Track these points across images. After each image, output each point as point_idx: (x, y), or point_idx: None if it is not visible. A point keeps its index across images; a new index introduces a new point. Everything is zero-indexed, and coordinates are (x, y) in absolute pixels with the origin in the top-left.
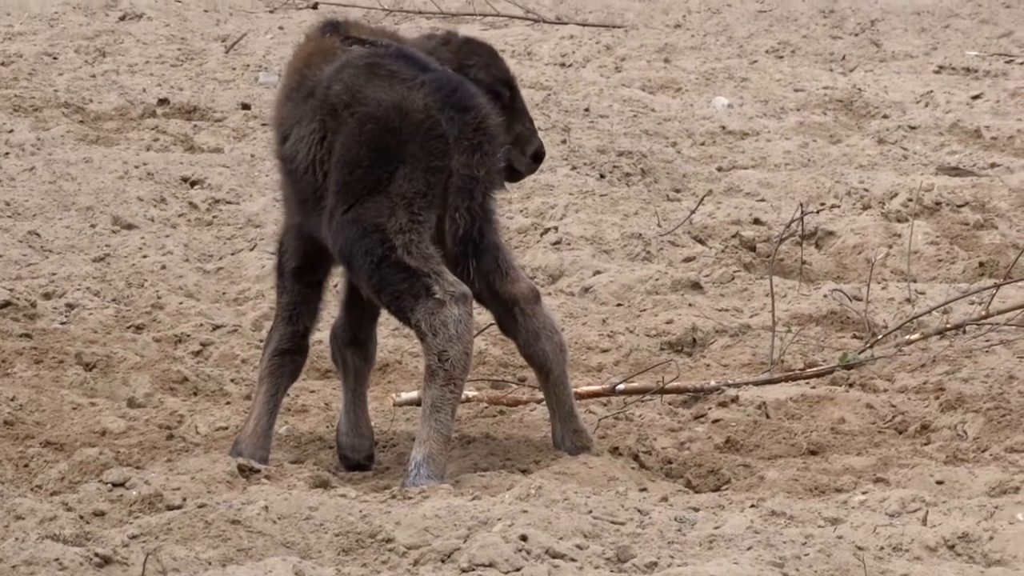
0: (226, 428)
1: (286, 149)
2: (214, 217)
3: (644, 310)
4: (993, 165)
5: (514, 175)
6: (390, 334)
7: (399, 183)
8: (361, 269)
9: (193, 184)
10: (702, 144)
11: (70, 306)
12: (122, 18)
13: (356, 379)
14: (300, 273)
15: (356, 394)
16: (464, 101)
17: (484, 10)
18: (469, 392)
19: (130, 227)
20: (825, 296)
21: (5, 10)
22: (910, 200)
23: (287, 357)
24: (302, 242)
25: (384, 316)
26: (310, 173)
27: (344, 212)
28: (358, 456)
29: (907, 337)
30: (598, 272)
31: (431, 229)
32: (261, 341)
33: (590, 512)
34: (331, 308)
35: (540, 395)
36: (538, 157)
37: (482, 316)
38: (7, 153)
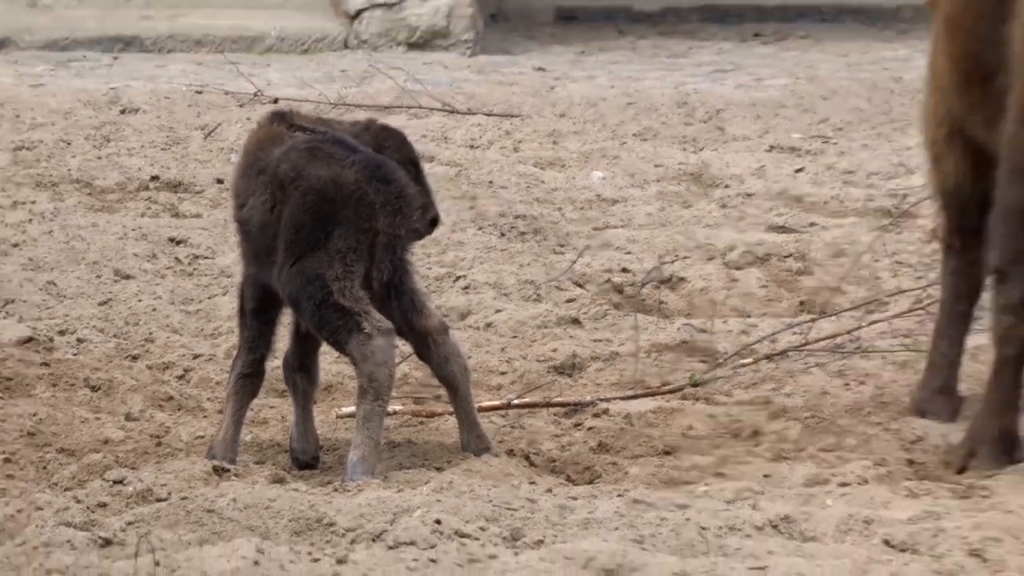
0: (203, 437)
1: (243, 214)
2: (194, 269)
3: (535, 341)
4: (812, 224)
5: (416, 235)
6: (333, 361)
7: (335, 241)
8: (305, 310)
9: (178, 243)
10: (582, 208)
11: (80, 340)
12: (122, 112)
13: (304, 397)
14: (257, 313)
15: (305, 409)
16: (387, 175)
17: (410, 103)
18: (394, 406)
19: (128, 277)
20: (678, 329)
21: (29, 106)
22: (745, 252)
23: (248, 380)
24: (257, 289)
25: (325, 347)
26: (263, 234)
27: (291, 265)
28: (307, 458)
29: (742, 361)
30: (499, 311)
31: (361, 277)
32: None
33: (491, 501)
34: (283, 341)
35: (451, 409)
36: (434, 222)
37: (404, 346)
38: (31, 220)
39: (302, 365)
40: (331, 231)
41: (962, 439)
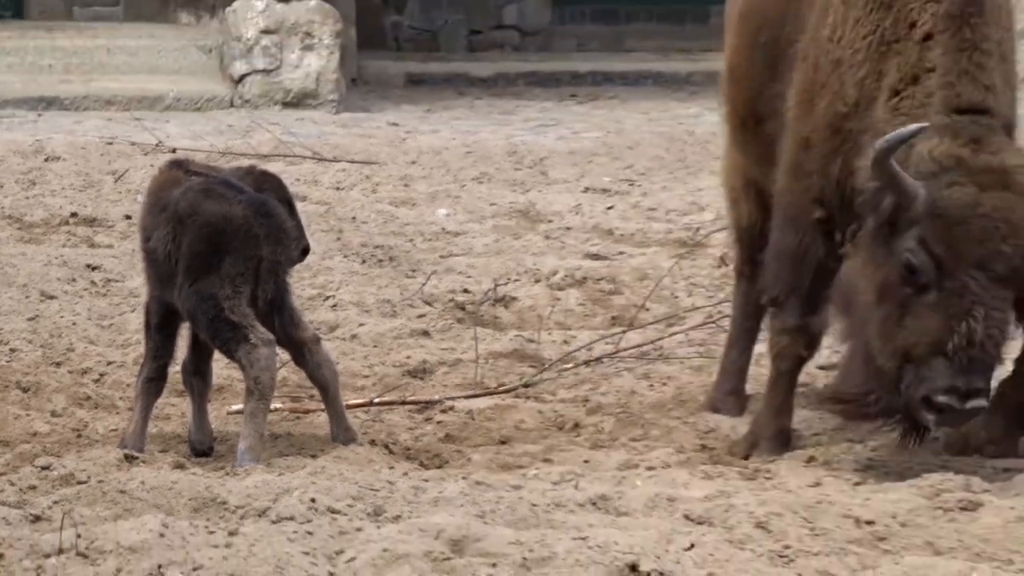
0: (116, 430)
1: (150, 245)
2: (108, 291)
3: (391, 349)
4: (620, 253)
5: (292, 262)
6: (224, 367)
7: (226, 267)
8: (201, 324)
9: (93, 269)
10: (430, 240)
11: (12, 350)
12: (46, 159)
13: (200, 396)
14: (160, 327)
15: (200, 407)
16: (268, 212)
17: (286, 152)
18: (276, 404)
19: (52, 297)
20: (511, 339)
21: None
22: (566, 276)
23: (153, 383)
24: (161, 307)
25: (217, 354)
26: (166, 261)
27: (189, 286)
28: (203, 447)
29: (564, 366)
30: (361, 324)
31: (247, 296)
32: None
33: (357, 483)
34: (181, 349)
35: (323, 407)
36: (306, 251)
37: (283, 354)
38: None
39: (198, 370)
40: (222, 258)
41: (747, 432)
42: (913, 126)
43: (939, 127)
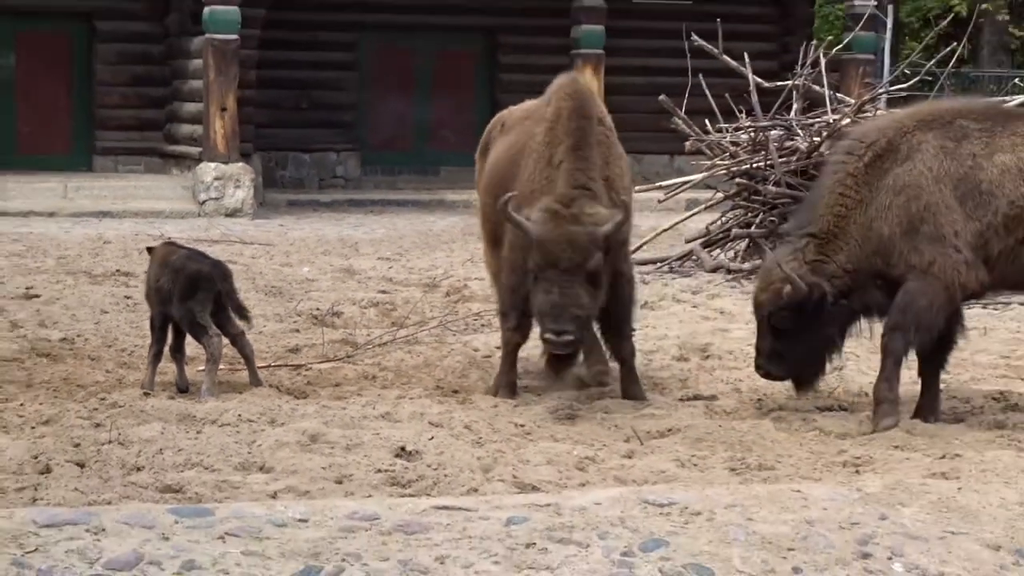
0: (138, 380)
1: (160, 284)
2: (135, 310)
3: (280, 338)
4: (396, 289)
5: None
6: (195, 348)
7: (199, 296)
8: (184, 324)
9: (128, 298)
10: (299, 283)
11: (86, 339)
12: (103, 243)
13: (180, 363)
14: (160, 327)
15: (180, 368)
16: (223, 270)
17: (226, 239)
18: (222, 366)
19: (106, 312)
20: (340, 333)
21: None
22: (368, 301)
23: (156, 356)
24: (161, 316)
25: (190, 340)
26: (168, 292)
27: (180, 305)
28: (183, 389)
29: (367, 347)
30: (265, 325)
31: (208, 311)
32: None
33: (262, 406)
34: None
35: (245, 368)
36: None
37: (227, 343)
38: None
39: (179, 348)
40: (195, 294)
41: (492, 384)
42: (508, 195)
43: (555, 197)
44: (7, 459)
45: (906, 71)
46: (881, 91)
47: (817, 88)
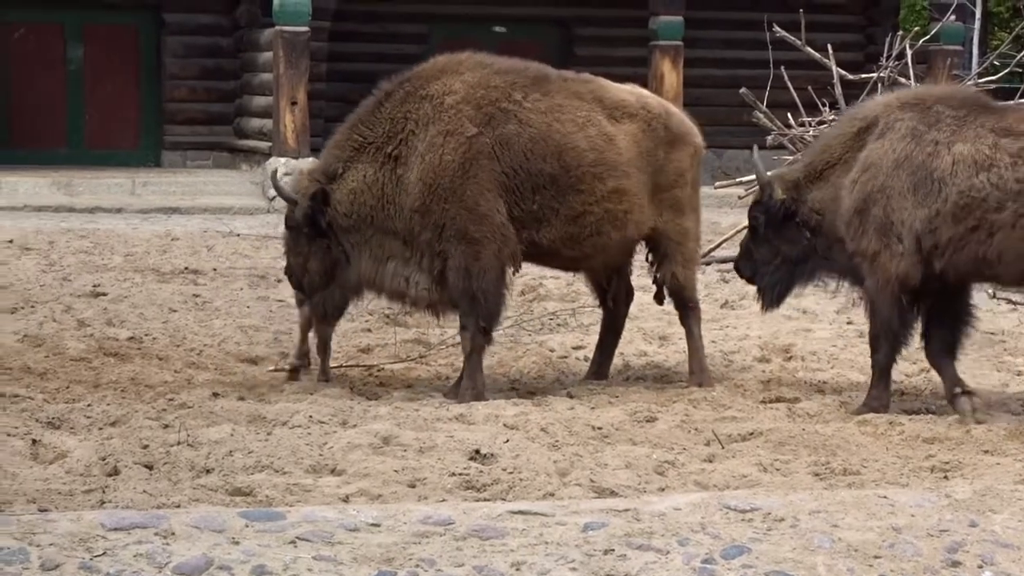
0: (210, 379)
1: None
2: (204, 308)
3: (351, 338)
4: None
5: None
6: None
7: None
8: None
9: (196, 296)
10: None
11: (154, 338)
12: (171, 239)
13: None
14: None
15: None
16: None
17: None
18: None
19: (174, 311)
20: (413, 333)
21: (128, 238)
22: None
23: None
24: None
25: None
26: None
27: None
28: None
29: (440, 347)
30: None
31: None
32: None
33: (333, 407)
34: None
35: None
36: None
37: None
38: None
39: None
40: None
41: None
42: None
43: (317, 174)
44: (75, 461)
45: (995, 62)
46: (969, 83)
47: (903, 80)
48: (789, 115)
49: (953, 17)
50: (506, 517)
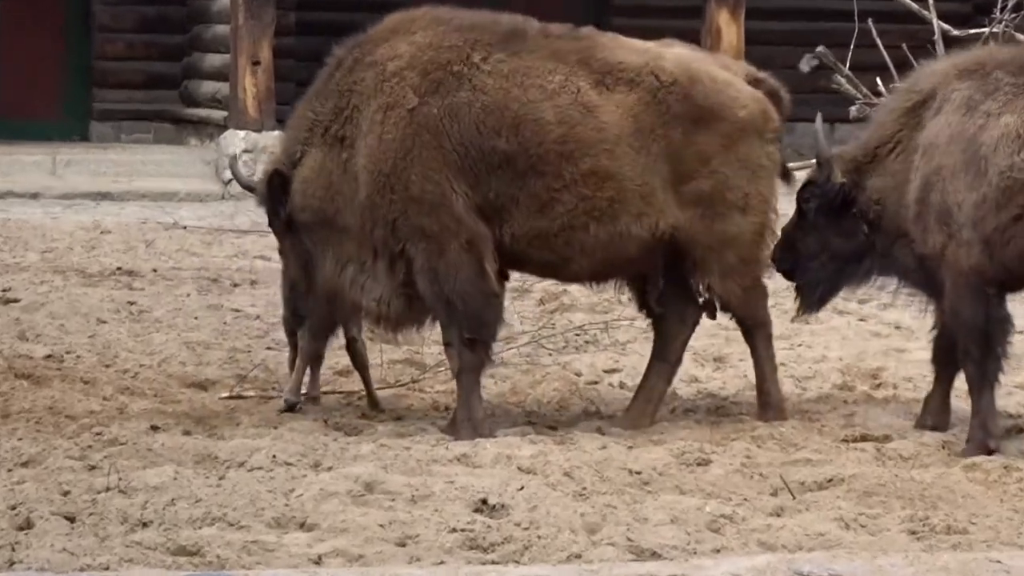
0: (146, 409)
1: None
2: (140, 319)
3: (328, 358)
4: None
5: None
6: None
7: None
8: None
9: (131, 304)
10: None
11: (78, 356)
12: (101, 232)
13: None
14: None
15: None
16: None
17: (257, 228)
18: (249, 393)
19: (104, 322)
20: (404, 351)
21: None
22: None
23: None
24: None
25: None
26: None
27: None
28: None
29: (438, 369)
30: None
31: None
32: None
33: (303, 444)
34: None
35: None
36: None
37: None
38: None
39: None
40: None
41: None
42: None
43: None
44: None
45: None
46: None
47: (1020, 36)
48: (878, 80)
49: None
50: None
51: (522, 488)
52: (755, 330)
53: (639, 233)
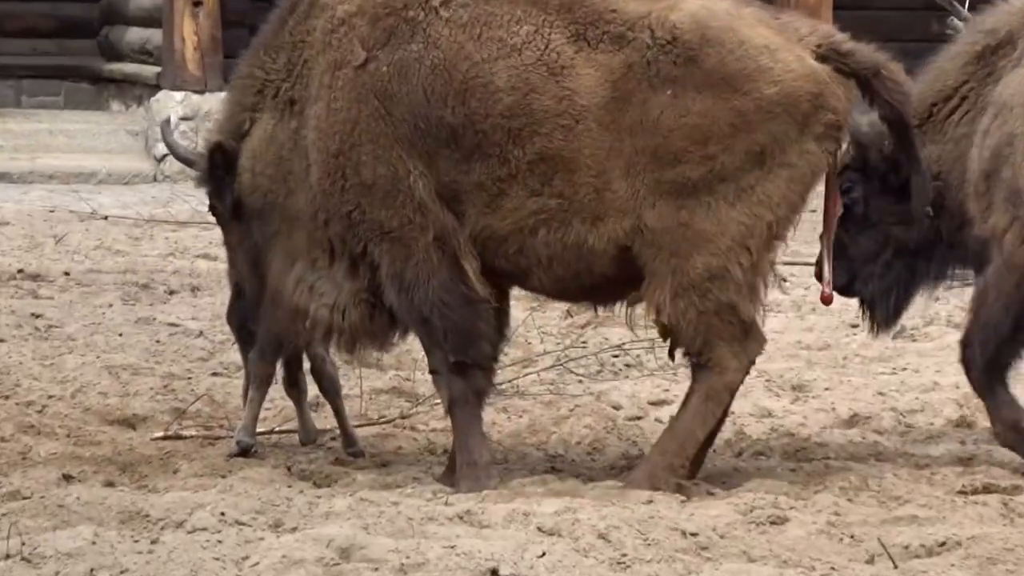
0: (56, 454)
1: None
2: (49, 335)
3: None
4: None
5: None
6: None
7: None
8: None
9: (37, 317)
10: None
11: None
12: None
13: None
14: None
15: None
16: None
17: (201, 220)
18: (191, 432)
19: (1, 341)
20: (390, 378)
21: None
22: None
23: None
24: None
25: None
26: None
27: None
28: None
29: (435, 401)
30: None
31: None
32: None
33: (260, 499)
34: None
35: (231, 434)
36: None
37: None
38: None
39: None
40: None
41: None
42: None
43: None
44: None
45: None
46: None
47: None
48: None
49: None
50: None
51: (543, 555)
52: (700, 374)
53: (597, 245)
